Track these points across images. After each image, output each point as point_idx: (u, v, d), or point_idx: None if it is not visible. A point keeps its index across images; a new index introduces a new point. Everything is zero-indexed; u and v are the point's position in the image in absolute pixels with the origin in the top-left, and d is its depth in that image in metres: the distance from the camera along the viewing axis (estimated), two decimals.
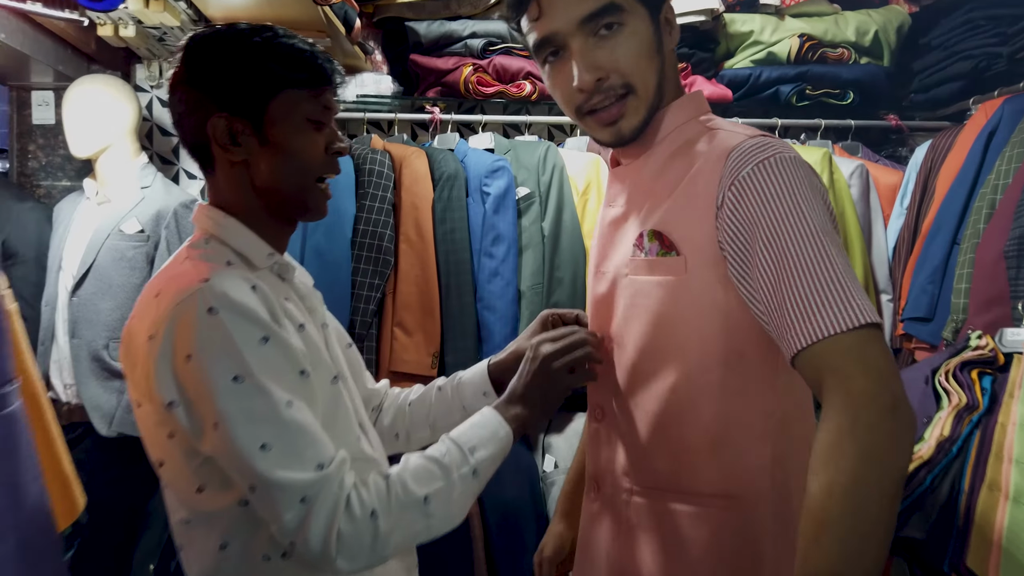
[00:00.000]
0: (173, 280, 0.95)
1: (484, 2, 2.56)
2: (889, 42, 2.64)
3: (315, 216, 1.09)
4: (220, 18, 2.16)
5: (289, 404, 0.91)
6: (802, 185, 0.89)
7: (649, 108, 1.02)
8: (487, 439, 1.03)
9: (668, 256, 0.99)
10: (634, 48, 0.99)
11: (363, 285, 2.20)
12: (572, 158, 2.39)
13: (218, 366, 0.88)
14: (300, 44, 1.03)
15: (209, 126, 1.00)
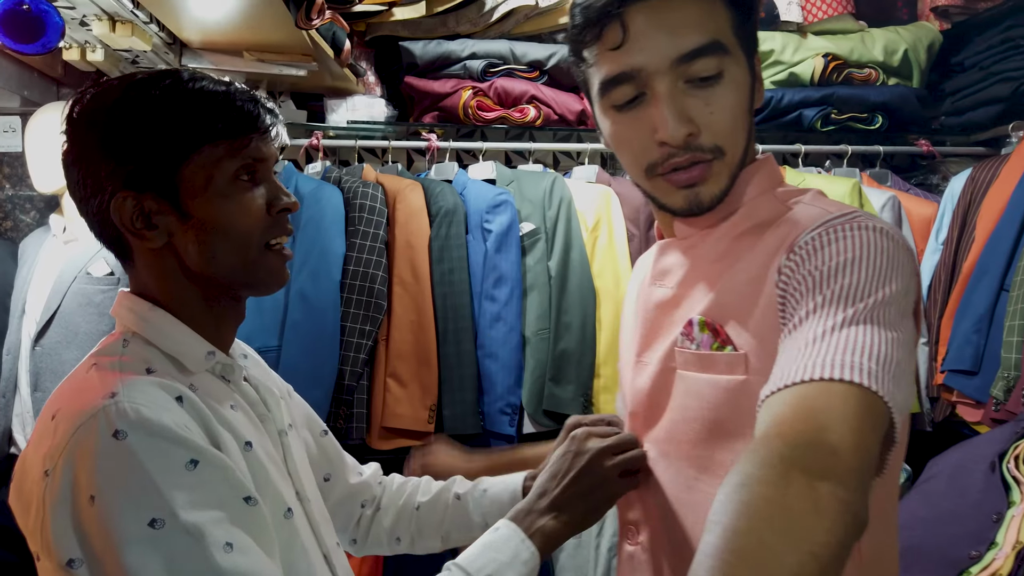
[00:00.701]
0: (73, 397, 0.75)
1: (484, 20, 2.38)
2: (919, 62, 2.47)
3: (272, 289, 0.89)
4: (197, 42, 1.98)
5: (228, 547, 0.70)
6: (879, 251, 0.71)
7: (732, 175, 0.84)
8: (506, 564, 0.83)
9: (724, 351, 0.81)
10: (731, 102, 0.81)
11: (353, 332, 2.02)
12: (581, 190, 2.20)
13: (129, 508, 0.68)
14: (209, 86, 0.83)
15: (112, 210, 0.81)
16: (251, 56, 2.01)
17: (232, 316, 0.90)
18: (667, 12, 0.78)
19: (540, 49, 2.34)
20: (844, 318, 0.67)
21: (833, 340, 0.65)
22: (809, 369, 0.63)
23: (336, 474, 1.10)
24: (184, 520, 0.69)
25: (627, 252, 2.14)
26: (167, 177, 0.81)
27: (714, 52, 0.79)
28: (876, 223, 0.75)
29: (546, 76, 2.37)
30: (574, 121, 2.38)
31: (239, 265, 0.85)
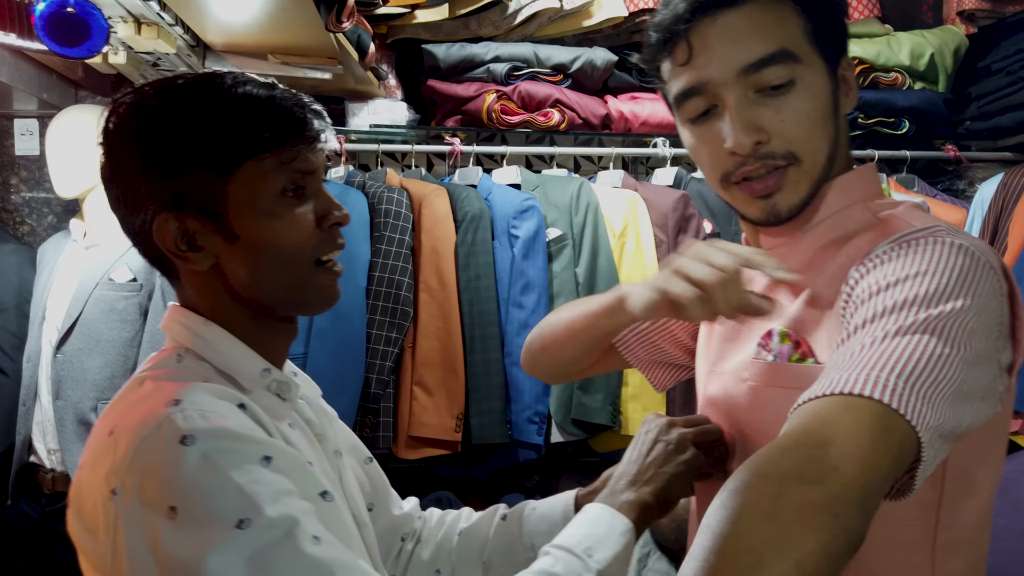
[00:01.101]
0: (130, 411, 0.72)
1: (508, 23, 2.35)
2: (945, 66, 2.45)
3: (323, 308, 0.85)
4: (220, 45, 1.95)
5: (316, 540, 0.67)
6: (951, 266, 0.68)
7: (814, 184, 0.82)
8: (603, 536, 0.79)
9: (805, 363, 0.78)
10: (805, 109, 0.79)
11: (379, 339, 1.99)
12: (607, 195, 2.18)
13: (213, 513, 0.65)
14: (252, 91, 0.77)
15: (155, 232, 0.76)
16: (275, 59, 1.98)
17: (285, 332, 0.87)
18: (732, 24, 0.79)
19: (564, 52, 2.32)
20: (888, 330, 0.65)
21: (870, 353, 0.63)
22: (835, 382, 0.61)
23: (380, 504, 1.04)
24: (271, 515, 0.66)
25: (655, 258, 2.11)
26: (210, 196, 0.77)
27: (781, 60, 0.78)
28: (957, 239, 0.72)
29: (570, 80, 2.34)
30: (598, 125, 2.35)
31: (288, 286, 0.80)
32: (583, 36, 2.46)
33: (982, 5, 2.38)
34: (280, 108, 0.77)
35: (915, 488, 0.62)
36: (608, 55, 2.34)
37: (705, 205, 2.23)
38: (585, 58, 2.31)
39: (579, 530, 0.80)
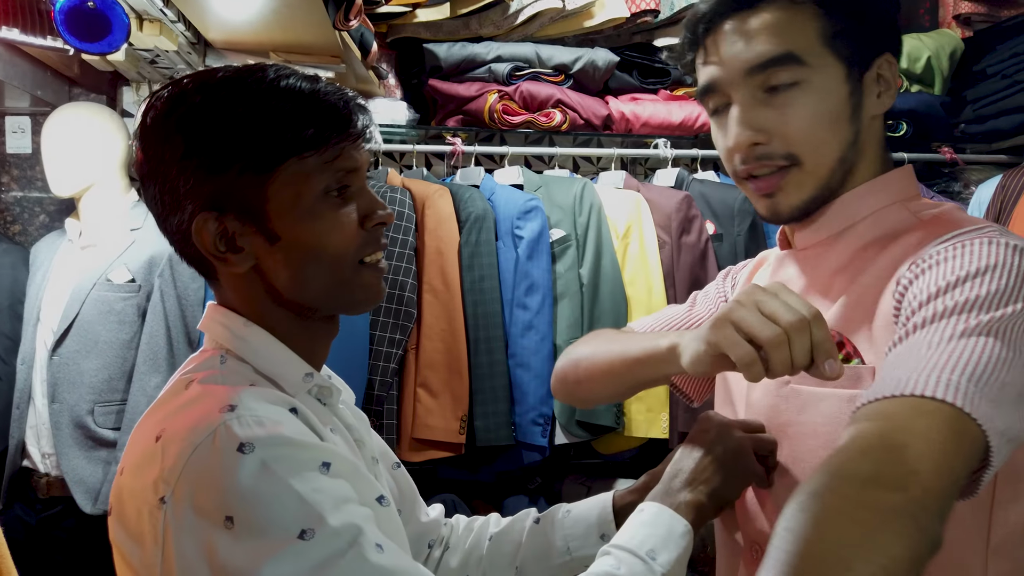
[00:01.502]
0: (179, 415, 0.69)
1: (509, 23, 2.34)
2: (942, 69, 2.46)
3: (368, 307, 0.83)
4: (222, 42, 1.92)
5: (379, 548, 0.66)
6: (1009, 267, 0.68)
7: (821, 186, 0.82)
8: (664, 538, 0.77)
9: (851, 364, 0.77)
10: (810, 111, 0.80)
11: (382, 341, 1.97)
12: (610, 196, 2.17)
13: (274, 523, 0.63)
14: (296, 85, 0.74)
15: (194, 232, 0.74)
16: (278, 56, 1.96)
17: (326, 333, 0.84)
18: (745, 25, 0.82)
19: (566, 53, 2.31)
20: (955, 332, 0.65)
21: (937, 354, 0.63)
22: (904, 383, 0.61)
23: (408, 510, 1.02)
24: (334, 525, 0.64)
25: (658, 259, 2.11)
26: (251, 196, 0.74)
27: (785, 63, 0.80)
28: (1011, 239, 0.72)
29: (572, 80, 2.33)
30: (600, 126, 2.35)
31: (331, 287, 0.78)
32: (584, 36, 2.45)
33: (978, 9, 2.40)
34: (324, 104, 0.75)
35: (978, 491, 0.63)
36: (609, 56, 2.33)
37: (708, 206, 2.23)
38: (587, 58, 2.31)
39: (639, 531, 0.78)
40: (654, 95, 2.42)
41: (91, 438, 1.90)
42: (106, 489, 1.88)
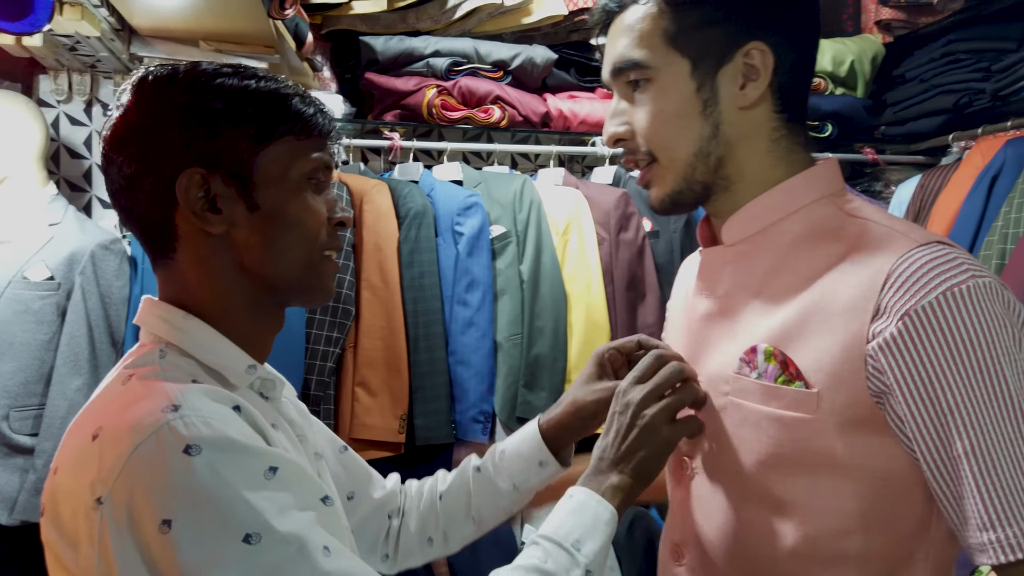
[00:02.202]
0: (119, 413, 0.67)
1: (446, 17, 2.32)
2: (864, 73, 2.56)
3: (322, 300, 0.85)
4: (148, 29, 1.84)
5: (327, 551, 0.66)
6: (1002, 331, 0.69)
7: (683, 179, 0.84)
8: (590, 527, 0.79)
9: (793, 386, 0.77)
10: (655, 110, 0.83)
11: (319, 339, 1.92)
12: (550, 193, 2.18)
13: (218, 527, 0.62)
14: (284, 86, 0.80)
15: (179, 185, 0.74)
16: (208, 46, 1.89)
17: (274, 325, 0.84)
18: (614, 28, 0.86)
19: (504, 49, 2.31)
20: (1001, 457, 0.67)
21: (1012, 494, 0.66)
22: (1016, 545, 0.65)
23: (360, 491, 1.04)
24: (281, 529, 0.64)
25: (597, 256, 2.12)
26: (244, 160, 0.76)
27: (632, 68, 0.83)
28: (985, 277, 0.71)
29: (510, 76, 2.33)
30: (538, 123, 2.35)
31: (302, 266, 0.80)
32: (522, 33, 2.45)
33: (898, 16, 2.50)
34: (315, 104, 0.81)
35: None
36: (548, 53, 2.34)
37: (644, 203, 2.25)
38: (525, 55, 2.31)
39: (567, 520, 0.80)
40: (591, 93, 2.44)
41: (6, 444, 1.79)
42: (23, 498, 1.78)
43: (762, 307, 0.82)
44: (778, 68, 0.81)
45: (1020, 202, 1.82)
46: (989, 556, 0.67)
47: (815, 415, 0.75)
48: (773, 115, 0.84)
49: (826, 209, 0.83)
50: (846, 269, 0.77)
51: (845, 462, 0.75)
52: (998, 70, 2.19)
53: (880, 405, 0.73)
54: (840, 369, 0.74)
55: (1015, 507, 0.66)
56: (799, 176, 0.84)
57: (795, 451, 0.77)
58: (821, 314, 0.77)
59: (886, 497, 0.75)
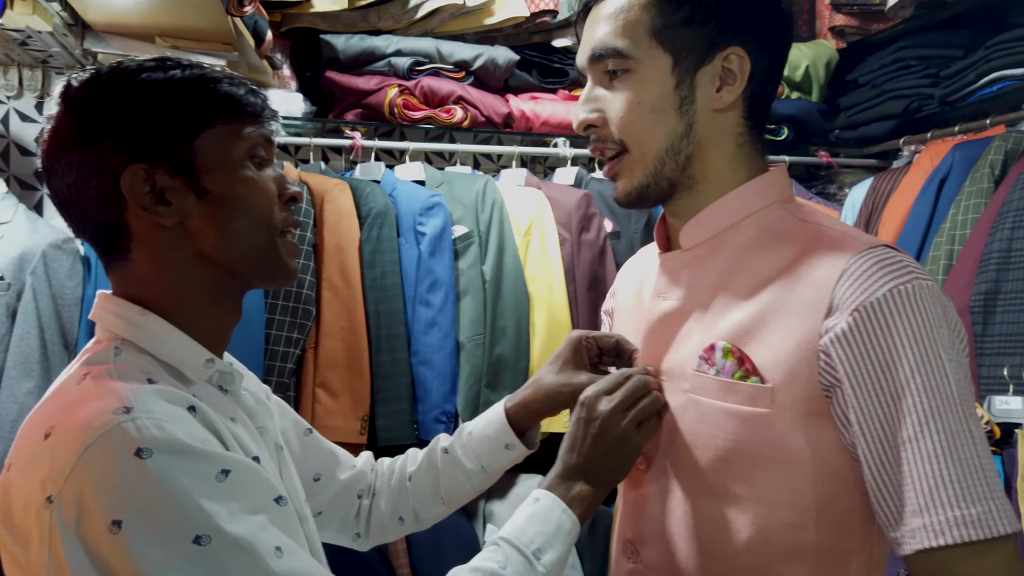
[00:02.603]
0: (71, 412, 0.67)
1: (408, 17, 2.31)
2: (818, 77, 2.62)
3: (285, 281, 0.86)
4: (102, 24, 1.80)
5: (279, 551, 0.66)
6: (941, 330, 0.72)
7: (652, 174, 0.86)
8: (552, 536, 0.80)
9: (749, 381, 0.79)
10: (632, 101, 0.84)
11: (279, 340, 1.90)
12: (512, 194, 2.18)
13: (168, 529, 0.62)
14: (210, 72, 0.81)
15: (123, 184, 0.74)
16: (164, 42, 1.86)
17: (232, 316, 0.84)
18: (596, 14, 0.87)
19: (467, 49, 2.31)
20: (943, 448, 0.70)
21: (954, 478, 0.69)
22: (952, 527, 0.68)
23: (327, 472, 1.05)
24: (232, 532, 0.64)
25: (559, 256, 2.14)
26: (183, 149, 0.76)
27: (613, 56, 0.84)
28: (927, 279, 0.74)
29: (472, 77, 2.33)
30: (500, 124, 2.36)
31: (260, 247, 0.81)
32: (484, 34, 2.45)
33: (851, 22, 2.56)
34: (244, 85, 0.81)
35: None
36: (510, 54, 2.34)
37: (605, 204, 2.28)
38: (487, 56, 2.31)
39: (530, 526, 0.81)
40: (553, 95, 2.46)
41: None
42: None
43: (719, 307, 0.85)
44: (753, 75, 0.83)
45: (967, 204, 1.88)
46: (919, 541, 0.69)
47: (770, 409, 0.78)
48: (741, 120, 0.86)
49: (777, 214, 0.86)
50: (801, 270, 0.79)
51: (799, 457, 0.78)
52: (946, 76, 2.26)
53: (829, 399, 0.76)
54: (794, 365, 0.77)
55: (947, 494, 0.68)
56: (752, 182, 0.86)
57: (752, 446, 0.80)
58: (776, 312, 0.79)
59: (836, 491, 0.78)
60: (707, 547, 0.84)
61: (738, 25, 0.83)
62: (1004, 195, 1.74)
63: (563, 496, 0.83)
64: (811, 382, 0.76)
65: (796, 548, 0.79)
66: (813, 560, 0.79)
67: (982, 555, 0.68)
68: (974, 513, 0.68)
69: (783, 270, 0.81)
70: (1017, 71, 1.97)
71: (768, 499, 0.80)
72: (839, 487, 0.78)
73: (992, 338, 1.67)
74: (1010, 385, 1.51)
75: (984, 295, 1.71)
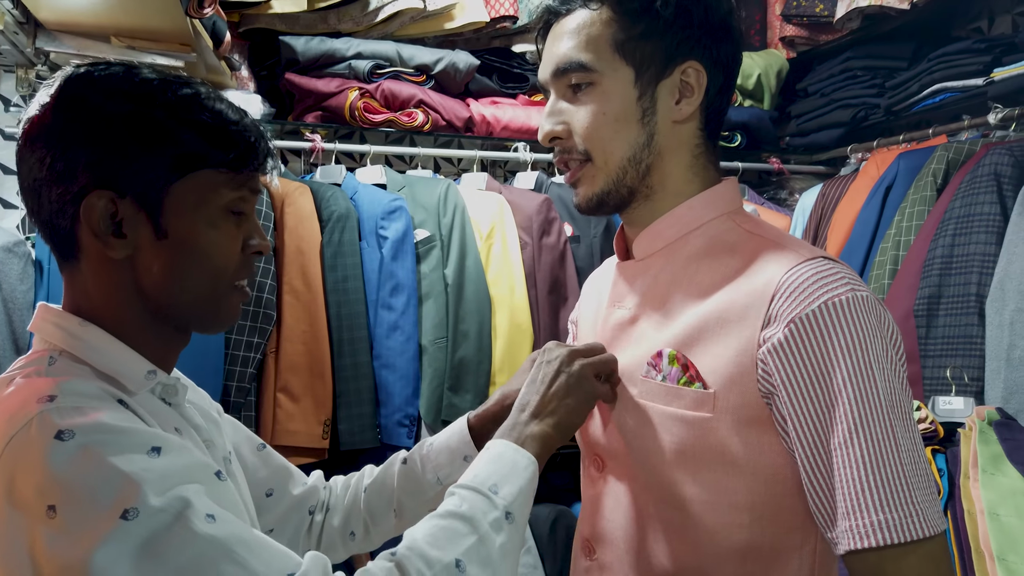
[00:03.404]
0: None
1: (368, 20, 2.31)
2: (770, 86, 2.69)
3: (224, 328, 0.84)
4: (55, 23, 1.76)
5: (211, 518, 0.64)
6: (875, 340, 0.76)
7: (614, 182, 0.88)
8: (507, 473, 0.80)
9: (693, 387, 0.83)
10: (596, 112, 0.86)
11: (239, 344, 1.88)
12: (474, 198, 2.20)
13: (97, 506, 0.61)
14: (227, 111, 0.78)
15: (84, 207, 0.72)
16: (120, 42, 1.82)
17: (177, 342, 0.83)
18: (559, 28, 0.89)
19: (427, 53, 2.31)
20: (874, 454, 0.73)
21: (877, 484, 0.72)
22: (873, 531, 0.72)
23: (279, 487, 1.03)
24: (158, 502, 0.62)
25: (520, 260, 2.16)
26: (157, 188, 0.74)
27: (576, 70, 0.87)
28: (863, 291, 0.77)
29: (433, 81, 2.34)
30: (461, 128, 2.37)
31: (206, 298, 0.79)
32: (444, 38, 2.46)
33: (800, 33, 2.64)
34: (247, 136, 0.78)
35: None
36: (470, 58, 2.36)
37: (565, 209, 2.31)
38: (448, 60, 2.32)
39: (483, 469, 0.81)
40: (513, 99, 2.48)
41: None
42: None
43: (667, 315, 0.88)
44: (708, 88, 0.87)
45: (911, 211, 1.96)
46: (847, 542, 0.73)
47: (713, 414, 0.81)
48: (698, 131, 0.90)
49: (725, 225, 0.89)
50: (741, 281, 0.82)
51: (740, 459, 0.81)
52: (891, 87, 2.34)
53: (768, 405, 0.79)
54: (734, 372, 0.80)
55: (871, 499, 0.72)
56: (701, 195, 0.89)
57: (696, 448, 0.83)
58: (718, 322, 0.82)
59: (776, 491, 0.81)
60: (656, 546, 0.87)
61: (693, 40, 0.86)
62: (946, 203, 1.82)
63: (515, 440, 0.83)
64: (750, 389, 0.79)
65: (740, 546, 0.83)
66: (756, 558, 0.83)
67: (906, 556, 0.71)
68: (895, 517, 0.71)
69: (727, 279, 0.84)
70: (957, 83, 2.07)
71: (712, 500, 0.83)
72: (779, 488, 0.81)
73: (935, 340, 1.75)
74: (952, 386, 1.59)
75: (927, 299, 1.79)
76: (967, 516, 1.25)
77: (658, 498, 0.87)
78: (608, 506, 0.93)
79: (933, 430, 1.45)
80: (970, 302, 1.66)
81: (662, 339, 0.87)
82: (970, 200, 1.75)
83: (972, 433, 1.37)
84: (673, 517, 0.86)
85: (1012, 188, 1.70)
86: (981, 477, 1.29)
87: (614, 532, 0.92)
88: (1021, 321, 1.52)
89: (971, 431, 1.38)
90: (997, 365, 1.55)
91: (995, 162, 1.72)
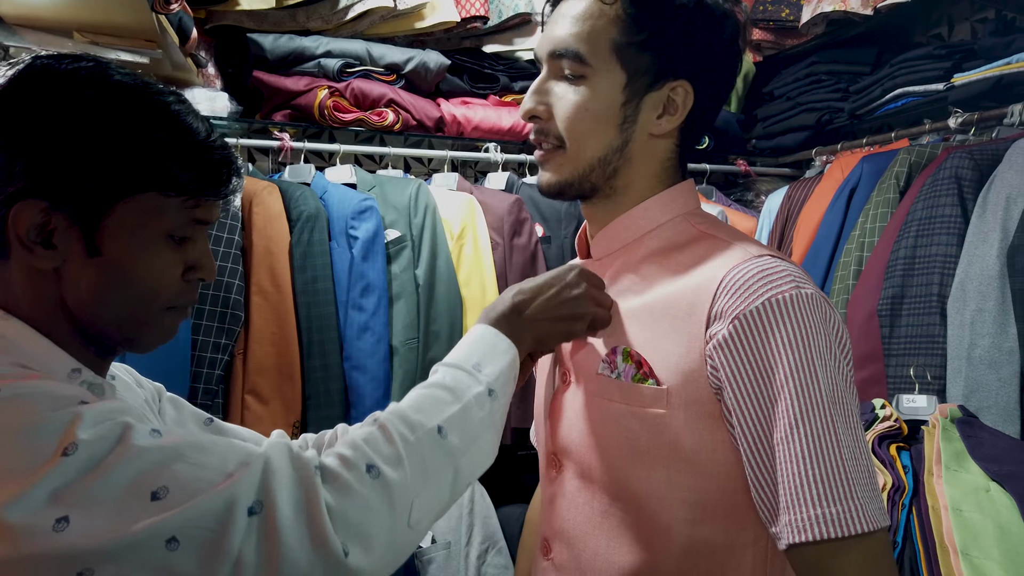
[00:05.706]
0: None
1: (338, 18, 2.28)
2: (737, 89, 2.73)
3: (152, 348, 0.79)
4: (15, 17, 1.71)
5: (157, 433, 0.63)
6: (818, 337, 0.77)
7: (579, 176, 0.89)
8: (488, 352, 0.81)
9: (646, 384, 0.84)
10: (581, 105, 0.87)
11: (206, 345, 1.85)
12: (445, 198, 2.19)
13: (32, 453, 0.59)
14: (195, 124, 0.73)
15: (13, 213, 0.68)
16: (83, 37, 1.78)
17: (107, 352, 0.79)
18: (563, 10, 0.88)
19: (397, 52, 2.30)
20: (814, 448, 0.74)
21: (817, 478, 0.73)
22: (812, 525, 0.73)
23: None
24: (95, 432, 0.61)
25: (492, 260, 2.16)
26: (97, 206, 0.69)
27: (571, 58, 0.87)
28: (808, 288, 0.79)
29: (403, 80, 2.33)
30: (432, 127, 2.36)
31: (127, 323, 0.75)
32: (414, 38, 2.45)
33: (767, 37, 2.68)
34: (210, 156, 0.73)
35: None
36: (441, 58, 2.35)
37: (536, 210, 2.31)
38: (418, 59, 2.31)
39: (464, 349, 0.82)
40: (484, 100, 2.48)
41: None
42: None
43: (622, 313, 0.89)
44: (693, 110, 0.88)
45: (874, 213, 2.00)
46: (787, 536, 0.74)
47: (666, 411, 0.82)
48: (673, 147, 0.91)
49: (681, 226, 0.91)
50: (687, 278, 0.84)
51: (693, 456, 0.82)
52: (855, 91, 2.39)
53: (719, 400, 0.81)
54: (685, 368, 0.81)
55: (810, 494, 0.73)
56: (657, 197, 0.91)
57: (650, 445, 0.84)
58: (668, 319, 0.84)
59: (728, 487, 0.83)
60: (610, 544, 0.88)
61: (691, 61, 0.87)
62: (908, 205, 1.86)
63: (496, 326, 0.84)
64: (702, 385, 0.81)
65: (693, 543, 0.84)
66: (709, 554, 0.84)
67: (846, 551, 0.72)
68: (833, 512, 0.72)
69: (677, 277, 0.85)
70: (919, 88, 2.11)
71: (666, 496, 0.84)
72: (732, 484, 0.82)
73: (899, 340, 1.78)
74: (916, 384, 1.62)
75: (891, 300, 1.82)
76: (931, 512, 1.27)
77: (612, 496, 0.88)
78: (564, 505, 0.93)
79: (898, 428, 1.48)
80: (932, 302, 1.70)
81: (617, 337, 0.88)
82: (932, 203, 1.79)
83: (935, 431, 1.40)
84: (627, 514, 0.86)
85: (972, 191, 1.74)
86: (944, 474, 1.32)
87: (570, 531, 0.92)
88: (981, 321, 1.56)
89: (934, 428, 1.41)
90: (958, 364, 1.58)
91: (956, 165, 1.76)
